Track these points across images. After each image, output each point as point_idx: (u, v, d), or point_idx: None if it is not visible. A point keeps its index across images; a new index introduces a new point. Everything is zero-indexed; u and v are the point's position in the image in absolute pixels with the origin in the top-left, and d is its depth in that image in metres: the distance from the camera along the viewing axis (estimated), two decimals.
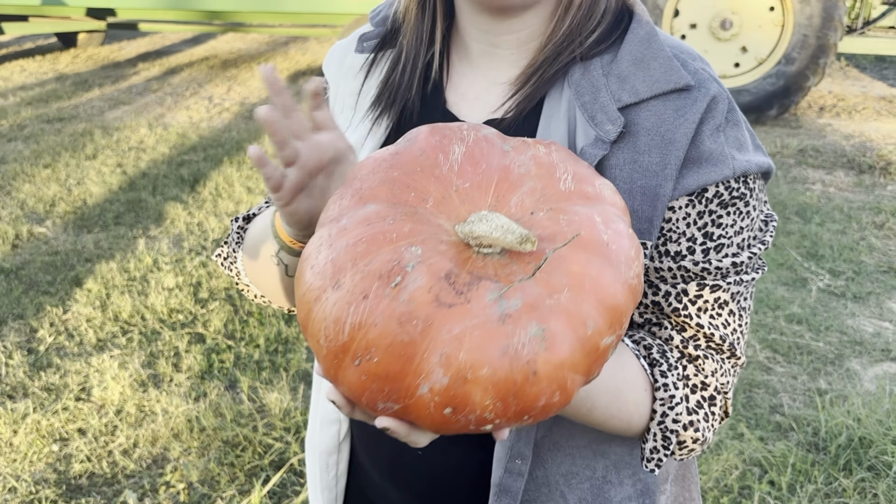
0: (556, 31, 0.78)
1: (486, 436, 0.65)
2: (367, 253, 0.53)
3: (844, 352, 2.95)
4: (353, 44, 0.89)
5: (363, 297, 0.52)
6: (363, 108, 0.86)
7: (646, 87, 0.74)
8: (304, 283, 0.56)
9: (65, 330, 3.06)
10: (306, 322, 0.56)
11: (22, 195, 4.49)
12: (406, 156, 0.60)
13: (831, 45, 5.85)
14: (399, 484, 0.91)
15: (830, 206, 4.41)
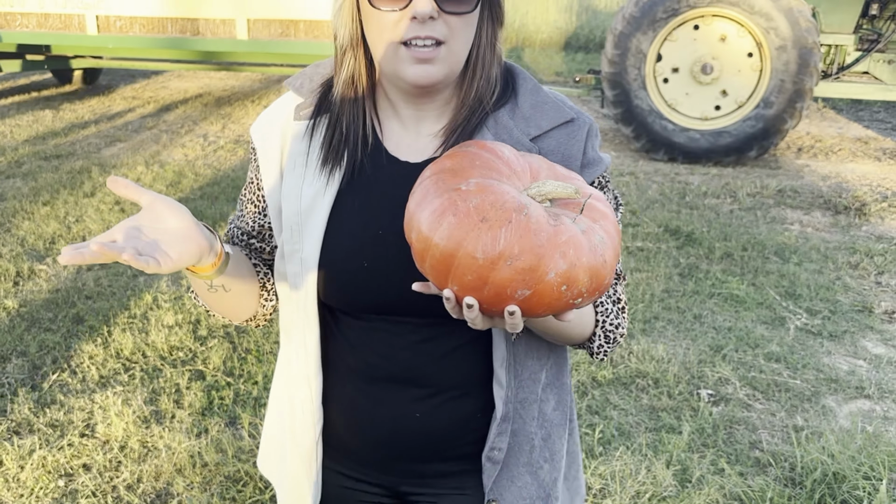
0: (466, 96, 1.03)
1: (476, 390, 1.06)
2: (499, 199, 0.83)
3: (821, 389, 3.08)
4: (283, 113, 1.09)
5: (508, 223, 0.81)
6: (313, 165, 1.05)
7: (546, 122, 1.03)
8: (450, 228, 0.82)
9: (68, 367, 3.15)
10: (454, 254, 0.82)
11: (22, 232, 4.59)
12: (473, 156, 0.89)
13: (807, 89, 6.09)
14: (399, 442, 1.11)
15: (808, 247, 4.58)
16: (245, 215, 1.15)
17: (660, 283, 4.02)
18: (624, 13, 6.38)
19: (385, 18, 0.94)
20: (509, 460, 1.09)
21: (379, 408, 1.09)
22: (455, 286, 0.83)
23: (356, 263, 1.02)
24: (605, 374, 3.11)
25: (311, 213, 1.03)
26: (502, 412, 1.06)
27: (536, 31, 14.17)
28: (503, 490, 1.10)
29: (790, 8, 5.97)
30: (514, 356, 1.06)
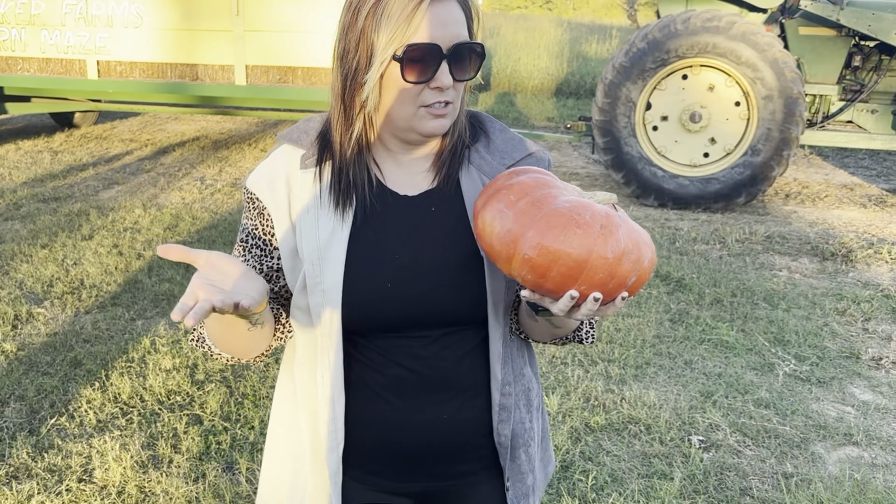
0: (450, 139, 1.21)
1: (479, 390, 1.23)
2: (595, 209, 1.02)
3: (810, 436, 3.13)
4: (285, 164, 1.21)
5: (618, 226, 1.01)
6: (326, 207, 1.17)
7: (517, 154, 1.24)
8: (579, 238, 0.99)
9: (65, 411, 3.17)
10: (586, 259, 0.98)
11: (20, 275, 4.63)
12: (537, 181, 1.07)
13: (794, 138, 6.24)
14: (430, 446, 1.23)
15: (796, 293, 4.66)
16: (249, 260, 1.24)
17: (651, 329, 4.08)
18: (614, 62, 6.55)
19: (412, 88, 1.12)
20: (511, 443, 1.26)
21: (411, 416, 1.20)
22: (583, 286, 1.00)
23: (380, 286, 1.16)
24: (599, 420, 3.16)
25: (329, 248, 1.16)
26: (500, 402, 1.23)
27: (528, 78, 14.43)
28: (511, 470, 1.27)
29: (776, 59, 6.15)
30: (509, 355, 1.24)
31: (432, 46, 1.09)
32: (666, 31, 6.31)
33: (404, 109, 1.13)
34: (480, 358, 1.22)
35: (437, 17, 1.09)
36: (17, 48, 7.92)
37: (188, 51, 7.46)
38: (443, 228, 1.19)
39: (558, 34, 18.54)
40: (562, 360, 3.72)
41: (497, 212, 1.03)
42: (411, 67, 1.09)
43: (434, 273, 1.17)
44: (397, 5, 1.08)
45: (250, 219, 1.24)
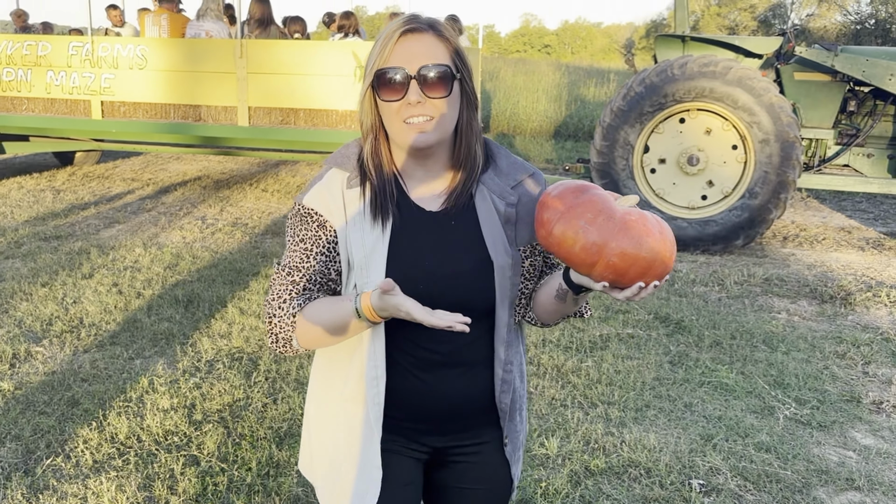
0: (457, 158, 1.45)
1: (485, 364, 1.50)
2: (647, 216, 1.29)
3: (811, 480, 3.10)
4: (337, 185, 1.45)
5: (667, 228, 1.31)
6: (368, 220, 1.42)
7: (519, 175, 1.50)
8: (652, 243, 1.25)
9: (62, 451, 3.15)
10: (655, 258, 1.25)
11: (20, 313, 4.63)
12: (596, 195, 1.30)
13: (791, 181, 6.30)
14: (443, 399, 1.48)
15: (795, 336, 4.66)
16: (313, 267, 1.45)
17: (650, 371, 4.07)
18: (612, 106, 6.63)
19: (392, 106, 1.36)
20: (509, 408, 1.55)
21: (437, 388, 1.47)
22: (649, 278, 1.27)
23: (414, 287, 1.38)
24: (598, 464, 3.13)
25: (373, 254, 1.40)
26: (502, 377, 1.51)
27: (527, 120, 14.58)
28: (508, 429, 1.56)
29: (772, 104, 6.23)
30: (511, 339, 1.51)
31: (398, 69, 1.33)
32: (663, 76, 6.40)
33: (393, 125, 1.38)
34: (488, 340, 1.49)
35: (407, 48, 1.34)
36: (23, 89, 8.03)
37: (191, 92, 7.56)
38: (461, 239, 1.44)
39: (557, 77, 18.78)
40: (561, 402, 3.70)
41: (579, 227, 1.26)
42: (384, 89, 1.35)
43: (455, 275, 1.42)
44: (380, 41, 1.36)
45: (310, 231, 1.45)
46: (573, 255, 1.28)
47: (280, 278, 1.46)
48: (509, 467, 1.60)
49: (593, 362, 4.17)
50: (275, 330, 1.46)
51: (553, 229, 1.29)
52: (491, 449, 1.57)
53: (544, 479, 3.02)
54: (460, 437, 1.55)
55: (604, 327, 4.70)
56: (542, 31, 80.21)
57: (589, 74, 20.18)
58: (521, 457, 1.64)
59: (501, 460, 1.59)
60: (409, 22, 1.35)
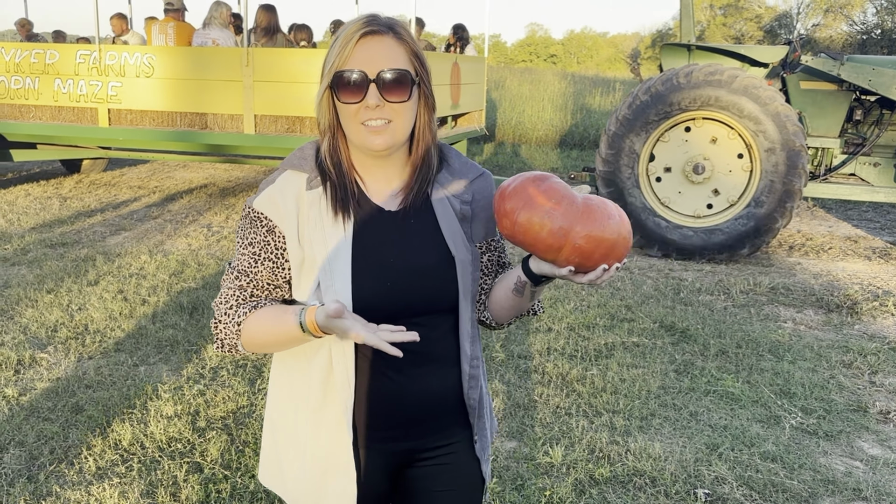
0: (415, 159, 1.46)
1: (452, 361, 1.51)
2: (602, 200, 1.33)
3: (818, 490, 3.08)
4: (293, 187, 1.43)
5: (619, 215, 1.33)
6: (330, 220, 1.41)
7: (472, 174, 1.53)
8: (615, 226, 1.30)
9: (65, 458, 3.15)
10: (617, 239, 1.30)
11: (25, 320, 4.64)
12: (555, 183, 1.33)
13: (797, 190, 6.28)
14: (413, 400, 1.47)
15: (801, 345, 4.63)
16: (260, 273, 1.44)
17: (656, 380, 4.05)
18: (617, 115, 6.63)
19: (350, 108, 1.36)
20: (477, 404, 1.55)
21: (408, 387, 1.46)
22: (612, 259, 1.31)
23: (381, 286, 1.40)
24: (603, 473, 3.12)
25: (337, 255, 1.39)
26: (469, 373, 1.52)
27: (532, 129, 14.60)
28: (477, 427, 1.56)
29: (777, 113, 6.22)
30: (476, 335, 1.54)
31: (357, 72, 1.33)
32: (668, 85, 6.40)
33: (350, 126, 1.38)
34: (453, 337, 1.50)
35: (367, 50, 1.34)
36: (31, 96, 8.07)
37: (198, 100, 7.59)
38: (421, 237, 1.45)
39: (562, 87, 18.81)
40: (566, 410, 3.69)
41: (545, 213, 1.29)
42: (343, 90, 1.35)
43: (420, 271, 1.43)
44: (339, 42, 1.35)
45: (258, 235, 1.43)
46: (540, 240, 1.30)
47: (229, 281, 1.46)
48: (479, 466, 1.59)
49: (598, 370, 4.15)
50: (220, 335, 1.45)
51: (518, 217, 1.31)
52: (461, 448, 1.57)
53: (548, 488, 3.01)
54: (433, 439, 1.53)
55: (609, 336, 4.68)
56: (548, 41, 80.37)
57: (594, 84, 20.20)
58: (489, 455, 1.64)
59: (472, 459, 1.58)
60: (369, 24, 1.35)
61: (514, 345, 4.48)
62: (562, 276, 1.35)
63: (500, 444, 3.35)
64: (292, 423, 1.50)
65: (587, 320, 4.93)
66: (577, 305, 5.25)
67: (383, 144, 1.37)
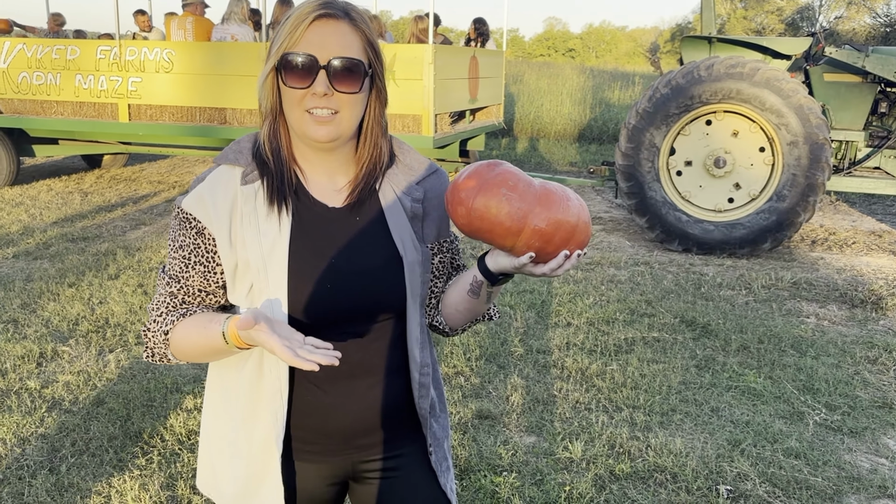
0: (362, 155, 1.36)
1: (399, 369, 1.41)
2: (559, 185, 1.29)
3: (843, 487, 3.03)
4: (227, 184, 1.32)
5: (577, 200, 1.29)
6: (263, 216, 1.30)
7: (423, 172, 1.43)
8: (576, 210, 1.26)
9: (86, 449, 3.17)
10: (577, 223, 1.26)
11: (47, 313, 4.68)
12: (510, 168, 1.28)
13: (820, 184, 6.19)
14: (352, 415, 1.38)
15: (825, 340, 4.57)
16: (192, 278, 1.34)
17: (676, 375, 4.01)
18: (637, 108, 6.57)
19: (295, 93, 1.26)
20: (429, 413, 1.46)
21: (345, 401, 1.36)
22: (573, 245, 1.27)
23: (321, 288, 1.30)
24: (623, 468, 3.09)
25: (272, 255, 1.29)
26: (419, 381, 1.42)
27: (551, 123, 14.53)
28: (430, 437, 1.47)
29: (800, 105, 6.14)
30: (426, 341, 1.44)
31: (307, 56, 1.24)
32: (689, 78, 6.34)
33: (293, 113, 1.28)
34: (401, 344, 1.41)
35: (319, 34, 1.24)
36: (53, 92, 8.14)
37: (217, 95, 7.62)
38: (367, 235, 1.35)
39: (581, 81, 18.71)
40: (586, 405, 3.66)
41: (501, 195, 1.23)
42: (290, 74, 1.25)
43: (364, 273, 1.33)
44: (290, 22, 1.25)
45: (189, 238, 1.32)
46: (497, 224, 1.23)
47: (161, 287, 1.36)
48: (436, 478, 1.47)
49: (618, 366, 4.12)
50: (149, 344, 1.37)
51: (474, 203, 1.24)
52: (412, 461, 1.46)
53: (568, 483, 2.99)
54: (376, 451, 1.43)
55: (629, 331, 4.64)
56: (567, 35, 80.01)
57: (613, 77, 20.08)
58: (450, 466, 1.53)
59: (427, 472, 1.47)
60: (325, 6, 1.25)
61: (532, 340, 4.46)
62: (522, 269, 1.28)
63: (520, 439, 3.33)
64: (224, 432, 1.41)
65: (607, 315, 4.89)
66: (597, 300, 5.21)
67: (327, 136, 1.27)
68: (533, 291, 5.32)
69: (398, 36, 10.53)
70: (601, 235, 7.31)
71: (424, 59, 6.95)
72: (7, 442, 3.20)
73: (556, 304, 5.08)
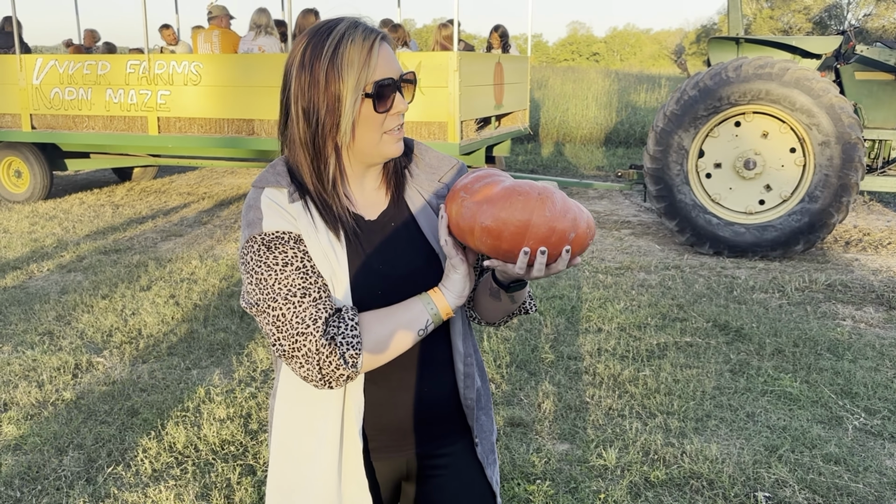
0: (388, 165, 1.43)
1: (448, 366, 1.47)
2: (520, 183, 1.29)
3: (885, 493, 2.97)
4: (280, 204, 1.34)
5: (538, 194, 1.25)
6: (325, 234, 1.33)
7: (444, 168, 1.49)
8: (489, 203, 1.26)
9: (122, 460, 3.20)
10: (502, 218, 1.24)
11: (81, 325, 4.74)
12: (480, 173, 1.33)
13: (853, 184, 6.09)
14: (404, 408, 1.42)
15: (862, 343, 4.49)
16: (318, 276, 1.32)
17: (711, 380, 3.96)
18: (665, 110, 6.52)
19: (378, 118, 1.32)
20: (475, 405, 1.50)
21: (401, 394, 1.41)
22: (531, 241, 1.25)
23: (374, 294, 1.36)
24: (659, 475, 3.05)
25: (338, 267, 1.33)
26: (464, 371, 1.46)
27: (577, 127, 14.46)
28: (477, 429, 1.51)
29: (832, 105, 6.05)
30: (467, 332, 1.49)
31: (391, 80, 1.31)
32: (717, 79, 6.27)
33: (371, 137, 1.33)
34: (445, 336, 1.46)
35: (385, 56, 1.31)
36: (84, 107, 8.27)
37: (245, 106, 7.69)
38: (404, 240, 1.41)
39: (606, 84, 18.62)
40: (619, 412, 3.62)
41: (460, 200, 1.29)
42: (381, 101, 1.31)
43: (409, 276, 1.39)
44: (354, 53, 1.28)
45: (289, 250, 1.31)
46: (455, 226, 1.31)
47: (291, 318, 1.27)
48: (483, 471, 1.52)
49: (651, 371, 4.07)
50: (342, 349, 1.27)
51: (448, 212, 1.33)
52: (463, 454, 1.51)
53: (603, 491, 2.95)
54: (433, 446, 1.48)
55: (661, 336, 4.59)
56: (591, 39, 79.72)
57: (639, 80, 19.96)
58: (495, 460, 1.57)
59: (476, 465, 1.52)
60: (374, 31, 1.32)
61: (563, 346, 4.43)
62: (505, 271, 1.30)
63: (552, 447, 3.31)
64: (301, 441, 1.40)
65: (638, 320, 4.85)
66: (628, 305, 5.16)
67: (401, 149, 1.37)
68: (563, 297, 5.29)
69: (422, 44, 10.55)
70: (630, 240, 7.25)
71: (449, 67, 6.96)
72: (45, 453, 3.24)
73: (586, 310, 5.04)
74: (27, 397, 3.75)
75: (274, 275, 1.28)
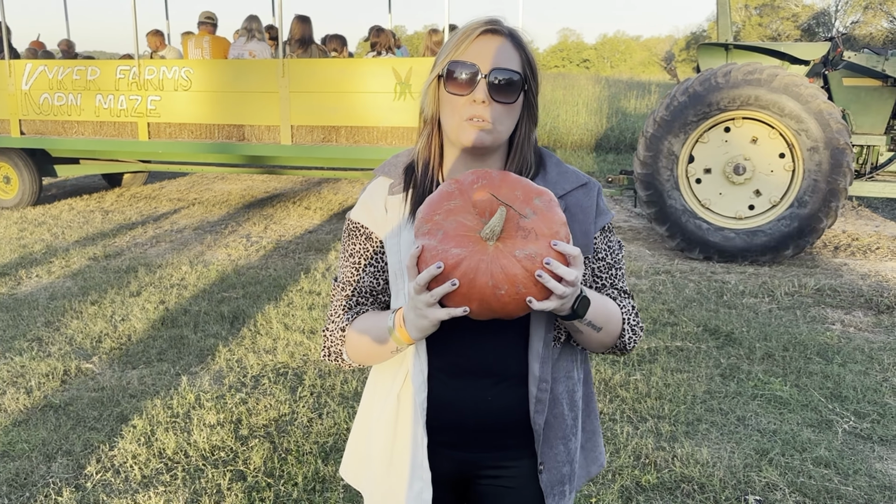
0: (510, 168, 1.42)
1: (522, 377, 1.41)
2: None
3: (874, 497, 2.98)
4: (381, 194, 1.45)
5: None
6: (409, 225, 1.39)
7: (568, 185, 1.44)
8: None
9: (111, 466, 3.18)
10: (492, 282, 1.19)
11: (70, 331, 4.72)
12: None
13: (841, 189, 6.13)
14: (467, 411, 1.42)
15: (851, 347, 4.51)
16: (363, 280, 1.47)
17: (701, 384, 3.97)
18: (655, 116, 6.55)
19: (457, 101, 1.34)
20: (549, 433, 1.45)
21: (463, 395, 1.42)
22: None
23: None
24: (650, 479, 3.05)
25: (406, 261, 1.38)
26: (536, 396, 1.41)
27: (567, 133, 14.51)
28: (545, 455, 1.45)
29: (820, 110, 6.09)
30: (551, 356, 1.42)
31: (470, 65, 1.33)
32: (707, 85, 6.31)
33: (452, 120, 1.36)
34: (521, 354, 1.41)
35: (484, 47, 1.34)
36: (73, 112, 8.24)
37: (235, 112, 7.68)
38: None
39: (597, 91, 18.70)
40: (610, 416, 3.62)
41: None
42: (452, 82, 1.34)
43: None
44: (457, 35, 1.36)
45: (358, 244, 1.47)
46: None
47: (336, 293, 1.49)
48: (543, 499, 1.47)
49: (642, 375, 4.08)
50: (327, 343, 1.49)
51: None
52: (524, 475, 1.47)
53: (594, 495, 2.95)
54: (493, 456, 1.47)
55: (652, 340, 4.60)
56: (581, 46, 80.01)
57: (630, 87, 20.05)
58: (564, 494, 1.49)
59: (534, 490, 1.47)
60: (491, 23, 1.35)
61: None
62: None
63: None
64: (375, 423, 1.51)
65: None
66: None
67: (479, 140, 1.34)
68: None
69: (413, 50, 10.57)
70: None
71: None
72: (33, 459, 3.22)
73: None
74: (15, 403, 3.73)
75: (343, 259, 1.49)
